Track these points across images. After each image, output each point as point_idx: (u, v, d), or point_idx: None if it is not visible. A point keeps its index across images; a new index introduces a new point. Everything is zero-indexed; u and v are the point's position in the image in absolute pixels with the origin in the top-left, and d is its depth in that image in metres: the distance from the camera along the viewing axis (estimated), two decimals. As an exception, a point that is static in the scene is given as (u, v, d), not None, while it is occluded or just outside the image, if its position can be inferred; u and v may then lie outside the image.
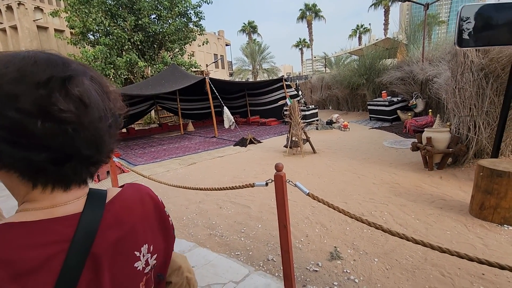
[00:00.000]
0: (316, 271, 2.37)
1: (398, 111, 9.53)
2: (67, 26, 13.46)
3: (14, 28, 14.16)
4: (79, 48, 13.36)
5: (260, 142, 8.34)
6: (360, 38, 35.56)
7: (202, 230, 3.26)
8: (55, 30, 15.84)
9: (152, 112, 15.81)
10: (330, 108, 15.04)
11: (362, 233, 2.86)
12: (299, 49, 49.64)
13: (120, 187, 0.62)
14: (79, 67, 0.50)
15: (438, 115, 6.22)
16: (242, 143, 8.12)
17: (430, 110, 7.95)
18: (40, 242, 0.45)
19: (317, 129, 9.55)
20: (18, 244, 0.43)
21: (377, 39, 15.24)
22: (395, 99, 9.75)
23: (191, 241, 3.02)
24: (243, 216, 3.51)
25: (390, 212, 3.25)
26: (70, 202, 0.50)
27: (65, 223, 0.48)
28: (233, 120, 9.35)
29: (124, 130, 12.36)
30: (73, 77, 0.47)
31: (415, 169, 4.62)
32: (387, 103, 9.64)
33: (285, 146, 6.63)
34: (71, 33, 14.63)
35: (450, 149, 4.30)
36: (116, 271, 0.52)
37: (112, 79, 13.05)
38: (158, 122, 15.18)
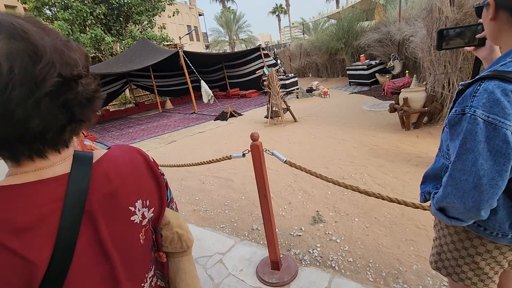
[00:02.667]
0: (300, 235, 2.43)
1: (377, 74, 9.55)
2: (18, 0, 12.12)
3: (-44, 5, 12.64)
4: (36, 25, 12.17)
5: (241, 115, 8.21)
6: (337, 1, 34.55)
7: (186, 206, 3.24)
8: (6, 6, 14.28)
9: (127, 92, 15.07)
10: (310, 75, 14.87)
11: (343, 196, 2.94)
12: (276, 15, 47.75)
13: (108, 149, 0.63)
14: None
15: (414, 75, 6.27)
16: (223, 117, 7.96)
17: (407, 71, 8.01)
18: (33, 203, 0.47)
19: (297, 97, 9.47)
20: (10, 206, 0.45)
21: (354, 1, 14.82)
22: (373, 62, 9.72)
23: (175, 218, 3.00)
24: (226, 190, 3.50)
25: (370, 173, 3.34)
26: (56, 164, 0.52)
27: (55, 183, 0.50)
28: (211, 94, 9.07)
29: (98, 112, 11.77)
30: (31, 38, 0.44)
31: (393, 130, 4.72)
32: (366, 66, 9.60)
33: (266, 117, 6.56)
34: (24, 8, 13.22)
35: (426, 108, 4.38)
36: (113, 226, 0.56)
37: (78, 58, 12.16)
38: (134, 102, 14.54)
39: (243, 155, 1.91)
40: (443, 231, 1.01)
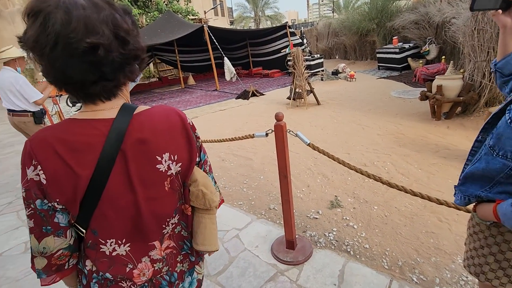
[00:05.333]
0: (316, 218, 2.44)
1: (409, 59, 8.98)
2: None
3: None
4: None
5: (263, 95, 8.11)
6: (372, -23, 32.21)
7: (205, 181, 3.32)
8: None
9: (151, 66, 15.24)
10: (337, 57, 14.26)
11: (363, 183, 2.88)
12: (305, -9, 45.40)
13: (153, 106, 0.76)
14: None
15: (451, 61, 5.84)
16: (244, 95, 7.91)
17: (443, 57, 7.47)
18: (86, 132, 0.65)
19: (322, 79, 9.18)
20: (72, 131, 0.64)
21: (391, -23, 13.72)
22: (406, 46, 9.12)
23: (194, 192, 3.09)
24: (246, 168, 3.54)
25: (393, 162, 3.24)
26: (106, 110, 0.68)
27: (103, 123, 0.66)
28: (234, 72, 8.98)
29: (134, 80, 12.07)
30: (32, 13, 0.58)
31: (421, 119, 4.49)
32: (398, 50, 9.04)
33: (288, 98, 6.44)
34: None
35: (461, 98, 4.11)
36: (140, 167, 0.69)
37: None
38: (158, 76, 14.72)
39: (266, 134, 1.90)
40: (474, 228, 0.97)
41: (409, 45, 9.12)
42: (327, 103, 6.29)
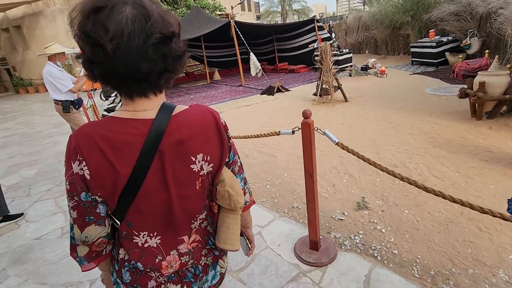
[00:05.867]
0: (342, 219, 2.36)
1: (447, 53, 8.38)
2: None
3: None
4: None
5: (288, 91, 7.99)
6: (408, -34, 30.34)
7: (229, 177, 3.34)
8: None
9: (179, 61, 15.57)
10: (367, 52, 13.68)
11: (393, 185, 2.74)
12: (335, -16, 43.97)
13: (190, 106, 0.78)
14: None
15: (496, 56, 5.36)
16: (269, 91, 7.84)
17: (487, 51, 6.87)
18: (126, 131, 0.67)
19: (350, 75, 8.85)
20: (114, 129, 0.66)
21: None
22: (444, 39, 8.51)
23: (218, 187, 3.12)
24: (269, 165, 3.51)
25: (427, 164, 3.04)
26: (147, 110, 0.69)
27: (143, 123, 0.68)
28: (260, 68, 8.92)
29: (183, 70, 12.45)
30: (104, 7, 0.59)
31: (460, 119, 4.18)
32: (435, 44, 8.46)
33: (315, 94, 6.28)
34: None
35: (507, 96, 3.75)
36: (175, 167, 0.72)
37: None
38: (185, 71, 15.03)
39: (293, 132, 1.85)
40: None
41: (447, 39, 8.51)
42: (355, 100, 6.06)
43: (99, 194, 0.67)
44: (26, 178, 3.98)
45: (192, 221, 0.80)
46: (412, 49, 9.44)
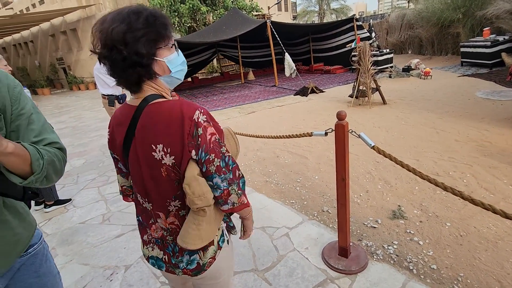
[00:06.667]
0: (375, 227, 2.25)
1: (503, 54, 7.59)
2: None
3: (92, -19, 15.27)
4: (147, -3, 13.74)
5: (323, 92, 7.81)
6: (461, -41, 27.88)
7: (259, 176, 3.35)
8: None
9: (215, 61, 16.00)
10: (410, 52, 12.88)
11: (434, 195, 2.55)
12: (377, -19, 42.03)
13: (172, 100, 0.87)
14: (114, 15, 0.80)
15: None
16: (303, 92, 7.73)
17: (552, 51, 6.10)
18: (124, 113, 0.89)
19: (390, 77, 8.40)
20: (120, 111, 0.91)
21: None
22: (500, 38, 7.71)
23: (248, 186, 3.15)
24: (300, 166, 3.46)
25: (474, 174, 2.78)
26: (138, 99, 0.85)
27: (132, 108, 0.86)
28: (294, 68, 8.84)
29: (189, 79, 12.95)
30: (102, 25, 0.80)
31: (516, 126, 3.75)
32: (489, 43, 7.69)
33: (350, 96, 6.06)
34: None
35: None
36: (143, 150, 0.84)
37: (177, 28, 13.33)
38: (220, 71, 15.39)
39: (326, 134, 1.80)
40: None
41: (504, 38, 7.71)
42: (394, 103, 5.74)
43: (114, 153, 0.95)
44: (75, 167, 4.36)
45: (167, 203, 0.90)
46: (462, 49, 8.70)
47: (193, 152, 0.81)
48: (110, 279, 2.02)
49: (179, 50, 0.91)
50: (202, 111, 0.83)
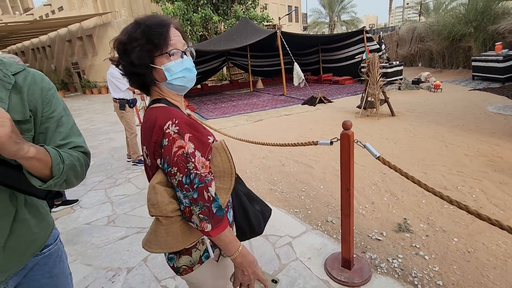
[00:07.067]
0: (379, 240, 2.21)
1: (516, 69, 7.49)
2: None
3: (110, -11, 15.82)
4: (161, 5, 14.15)
5: (331, 102, 7.81)
6: (474, -26, 27.85)
7: (264, 184, 3.35)
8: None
9: (224, 69, 16.23)
10: (420, 65, 12.82)
11: (442, 209, 2.50)
12: (388, -6, 42.23)
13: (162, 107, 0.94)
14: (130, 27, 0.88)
15: None
16: (311, 102, 7.74)
17: None
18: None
19: (399, 89, 8.35)
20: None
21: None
22: (513, 53, 7.63)
23: (252, 193, 3.14)
24: (305, 175, 3.45)
25: (484, 189, 2.72)
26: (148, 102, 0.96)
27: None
28: (303, 78, 8.89)
29: (198, 86, 13.14)
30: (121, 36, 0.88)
31: (529, 142, 3.67)
32: (501, 58, 7.61)
33: (358, 107, 6.05)
34: (153, -10, 15.51)
35: None
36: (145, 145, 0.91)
37: (189, 36, 13.62)
38: (229, 79, 15.58)
39: (331, 143, 1.80)
40: None
41: (518, 52, 7.62)
42: (403, 115, 5.69)
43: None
44: (84, 169, 4.44)
45: None
46: (474, 63, 8.62)
47: (159, 161, 0.84)
48: (112, 280, 2.04)
49: (187, 57, 0.91)
50: (176, 122, 0.82)
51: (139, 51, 0.83)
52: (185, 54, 0.91)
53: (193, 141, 0.84)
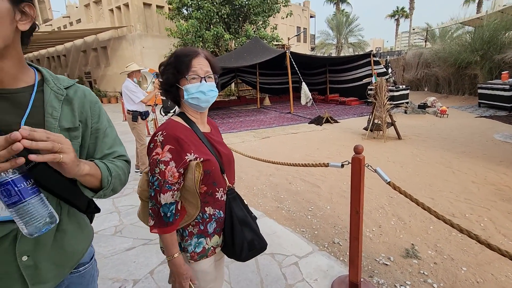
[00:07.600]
0: (387, 264, 2.20)
1: (522, 98, 7.56)
2: (166, 1, 14.87)
3: (126, 5, 16.47)
4: (175, 22, 14.68)
5: (337, 122, 7.90)
6: (479, 4, 28.61)
7: (271, 202, 3.37)
8: (157, 6, 17.79)
9: (232, 85, 16.56)
10: (426, 89, 12.97)
11: (450, 236, 2.48)
12: (395, 19, 43.34)
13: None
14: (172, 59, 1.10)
15: None
16: (318, 121, 7.84)
17: None
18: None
19: (405, 112, 8.44)
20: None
21: (504, 5, 12.02)
22: (520, 82, 7.72)
23: (259, 210, 3.16)
24: (312, 195, 3.46)
25: (492, 218, 2.71)
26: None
27: None
28: (310, 97, 9.04)
29: None
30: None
31: (537, 172, 3.67)
32: (508, 86, 7.71)
33: (365, 129, 6.11)
34: (169, 8, 16.12)
35: None
36: None
37: (200, 52, 14.01)
38: (237, 95, 15.86)
39: (342, 166, 1.85)
40: None
41: (524, 82, 7.70)
42: (409, 139, 5.73)
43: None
44: (92, 177, 4.49)
45: None
46: (480, 90, 8.72)
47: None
48: (118, 292, 2.04)
49: (206, 83, 1.07)
50: (165, 134, 1.01)
51: (168, 73, 1.08)
52: (205, 79, 1.07)
53: (172, 152, 0.99)
